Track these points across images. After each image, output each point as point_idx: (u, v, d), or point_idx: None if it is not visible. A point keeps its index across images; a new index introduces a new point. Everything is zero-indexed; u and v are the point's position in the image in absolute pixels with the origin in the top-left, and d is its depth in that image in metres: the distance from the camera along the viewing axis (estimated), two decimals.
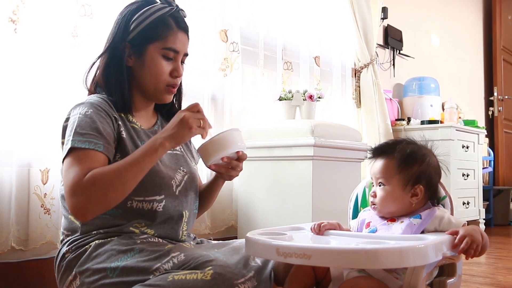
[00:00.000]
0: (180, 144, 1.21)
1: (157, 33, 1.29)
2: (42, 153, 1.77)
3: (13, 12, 1.69)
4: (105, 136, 1.20)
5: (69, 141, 1.18)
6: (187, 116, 1.18)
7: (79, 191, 1.11)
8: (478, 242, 1.09)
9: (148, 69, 1.30)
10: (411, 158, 1.21)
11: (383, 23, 3.90)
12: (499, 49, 5.44)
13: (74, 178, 1.12)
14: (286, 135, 2.28)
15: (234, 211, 2.50)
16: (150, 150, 1.17)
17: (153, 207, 1.26)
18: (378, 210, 1.23)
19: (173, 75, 1.33)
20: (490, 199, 4.54)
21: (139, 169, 1.15)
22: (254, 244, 1.08)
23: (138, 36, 1.30)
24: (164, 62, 1.31)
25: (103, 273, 1.15)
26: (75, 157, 1.16)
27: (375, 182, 1.25)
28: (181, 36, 1.33)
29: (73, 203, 1.12)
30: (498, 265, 2.63)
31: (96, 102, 1.25)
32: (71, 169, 1.14)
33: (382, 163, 1.23)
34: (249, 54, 2.69)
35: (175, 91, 1.36)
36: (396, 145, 1.24)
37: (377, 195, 1.22)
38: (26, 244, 1.72)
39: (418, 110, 3.92)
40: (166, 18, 1.31)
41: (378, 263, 0.94)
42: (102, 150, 1.18)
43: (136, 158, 1.16)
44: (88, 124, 1.19)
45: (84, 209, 1.12)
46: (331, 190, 2.26)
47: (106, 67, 1.32)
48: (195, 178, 1.41)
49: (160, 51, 1.30)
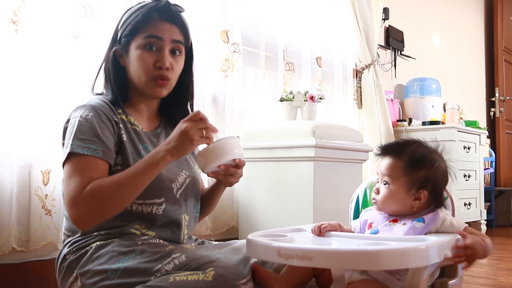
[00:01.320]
0: (182, 156, 1.20)
1: (139, 27, 1.28)
2: (43, 154, 1.77)
3: (14, 13, 1.69)
4: (104, 142, 1.20)
5: (68, 145, 1.19)
6: (188, 128, 1.16)
7: (79, 203, 1.13)
8: (477, 256, 1.10)
9: (133, 64, 1.30)
10: (419, 162, 1.20)
11: (384, 23, 3.89)
12: (500, 50, 5.43)
13: (75, 189, 1.14)
14: (287, 136, 2.28)
15: (235, 212, 2.49)
16: (151, 164, 1.16)
17: (152, 211, 1.26)
18: (379, 207, 1.24)
19: (156, 66, 1.28)
20: (491, 200, 4.54)
21: (139, 182, 1.16)
22: (255, 246, 1.08)
23: (124, 34, 1.30)
24: (145, 54, 1.28)
25: (104, 275, 1.15)
26: (75, 165, 1.17)
27: (380, 179, 1.25)
28: (163, 25, 1.29)
29: (73, 214, 1.14)
30: (499, 266, 2.63)
31: (97, 105, 1.25)
32: (72, 179, 1.16)
33: (390, 162, 1.23)
34: (250, 55, 2.69)
35: (165, 83, 1.30)
36: (406, 146, 1.24)
37: (380, 193, 1.23)
38: (27, 245, 1.72)
39: (419, 111, 3.91)
40: (150, 13, 1.29)
41: (379, 264, 0.94)
42: (101, 156, 1.18)
43: (136, 171, 1.16)
44: (88, 129, 1.20)
45: (83, 220, 1.15)
46: (332, 191, 2.25)
47: (105, 71, 1.34)
48: (197, 182, 1.40)
49: (142, 42, 1.28)
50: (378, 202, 1.23)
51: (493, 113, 5.45)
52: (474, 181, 3.76)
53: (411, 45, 4.25)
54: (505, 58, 5.51)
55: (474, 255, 1.08)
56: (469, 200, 3.66)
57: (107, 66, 1.33)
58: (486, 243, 1.12)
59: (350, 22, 3.30)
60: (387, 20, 3.87)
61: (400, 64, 4.11)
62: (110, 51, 1.34)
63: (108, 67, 1.33)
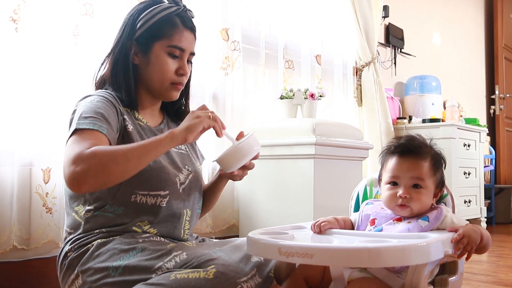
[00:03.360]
0: (192, 135, 1.16)
1: (163, 31, 1.30)
2: (44, 152, 1.78)
3: (14, 11, 1.69)
4: (109, 122, 1.20)
5: (73, 125, 1.18)
6: (198, 112, 1.21)
7: (79, 160, 1.07)
8: (475, 243, 1.09)
9: (154, 67, 1.31)
10: (438, 161, 1.21)
11: (385, 21, 3.89)
12: (500, 47, 5.43)
13: (76, 150, 1.10)
14: (287, 134, 2.28)
15: (236, 209, 2.50)
16: (158, 138, 1.15)
17: (156, 202, 1.26)
18: (410, 212, 1.17)
19: (178, 73, 1.33)
20: (491, 198, 4.54)
21: (144, 150, 1.12)
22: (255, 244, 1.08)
23: (144, 34, 1.31)
24: (169, 60, 1.32)
25: (105, 272, 1.15)
26: (79, 136, 1.14)
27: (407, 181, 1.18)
28: (187, 35, 1.33)
29: (70, 172, 1.07)
30: (499, 263, 2.63)
31: (103, 94, 1.27)
32: (74, 144, 1.12)
33: (418, 163, 1.18)
34: (250, 53, 2.69)
35: (181, 88, 1.36)
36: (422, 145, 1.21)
37: (413, 197, 1.16)
38: (28, 243, 1.72)
39: (419, 108, 3.92)
40: (172, 17, 1.32)
41: (380, 262, 0.94)
42: (106, 133, 1.17)
43: (143, 143, 1.14)
44: (93, 109, 1.20)
45: (81, 177, 1.06)
46: (332, 189, 2.26)
47: (113, 65, 1.33)
48: (199, 178, 1.42)
49: (166, 49, 1.31)
50: (410, 206, 1.17)
51: (493, 110, 5.45)
52: (474, 179, 3.76)
53: (411, 43, 4.25)
54: (505, 56, 5.51)
55: (471, 242, 1.08)
56: (469, 198, 3.66)
57: (116, 59, 1.32)
58: (480, 230, 1.12)
59: (350, 20, 3.30)
60: (387, 18, 3.86)
61: (400, 61, 4.11)
62: (122, 45, 1.32)
63: (116, 60, 1.32)
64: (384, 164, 1.25)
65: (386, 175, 1.23)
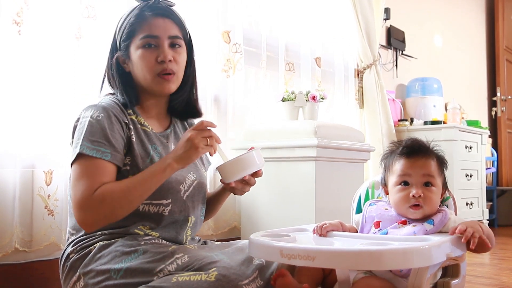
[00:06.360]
0: (188, 164, 1.23)
1: (134, 29, 1.30)
2: (46, 154, 1.77)
3: (17, 14, 1.70)
4: (113, 144, 1.21)
5: (78, 145, 1.20)
6: (193, 136, 1.19)
7: (87, 206, 1.15)
8: (479, 232, 1.09)
9: (137, 65, 1.31)
10: (442, 162, 1.24)
11: (386, 23, 3.89)
12: (502, 49, 5.43)
13: (84, 192, 1.16)
14: (289, 136, 2.28)
15: (237, 212, 2.50)
16: (158, 170, 1.20)
17: (159, 211, 1.27)
18: (422, 212, 1.17)
19: (158, 61, 1.29)
20: (493, 200, 4.53)
21: (146, 188, 1.19)
22: (257, 246, 1.08)
23: (122, 39, 1.32)
24: (145, 52, 1.29)
25: (107, 274, 1.16)
26: (84, 167, 1.18)
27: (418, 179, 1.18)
28: (157, 21, 1.30)
29: (81, 217, 1.17)
30: (502, 266, 2.62)
31: (108, 106, 1.26)
32: (81, 182, 1.17)
33: (426, 161, 1.19)
34: (251, 55, 2.69)
35: (171, 77, 1.31)
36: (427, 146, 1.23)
37: (427, 197, 1.16)
38: (29, 246, 1.72)
39: (421, 110, 3.91)
40: (141, 13, 1.31)
41: (382, 264, 0.94)
42: (109, 159, 1.20)
43: (144, 177, 1.20)
44: (98, 130, 1.21)
45: (92, 223, 1.18)
46: (334, 191, 2.26)
47: (108, 79, 1.36)
48: (203, 185, 1.42)
49: (139, 43, 1.29)
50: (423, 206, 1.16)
51: (495, 112, 5.45)
52: (476, 181, 3.75)
53: (413, 45, 4.25)
54: (507, 58, 5.51)
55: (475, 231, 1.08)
56: (471, 200, 3.66)
57: (111, 73, 1.35)
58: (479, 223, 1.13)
59: (351, 22, 3.30)
60: (388, 20, 3.86)
61: (401, 63, 4.11)
62: (111, 59, 1.35)
63: (112, 74, 1.34)
64: (389, 167, 1.25)
65: (394, 177, 1.22)
